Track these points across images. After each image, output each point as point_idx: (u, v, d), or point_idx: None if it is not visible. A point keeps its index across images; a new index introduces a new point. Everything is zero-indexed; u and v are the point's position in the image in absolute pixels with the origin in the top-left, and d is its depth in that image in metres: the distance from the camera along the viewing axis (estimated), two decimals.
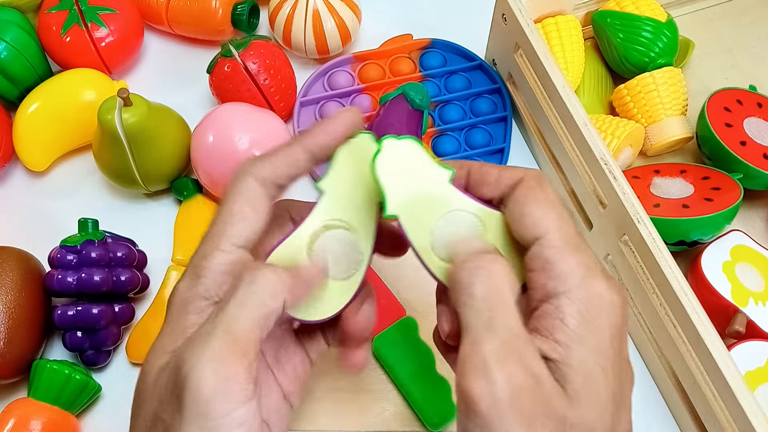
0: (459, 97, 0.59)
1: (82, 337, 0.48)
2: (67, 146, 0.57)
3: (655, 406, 0.49)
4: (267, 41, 0.57)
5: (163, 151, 0.53)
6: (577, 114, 0.48)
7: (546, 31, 0.58)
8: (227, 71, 0.55)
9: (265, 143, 0.52)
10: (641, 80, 0.56)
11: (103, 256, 0.48)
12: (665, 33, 0.57)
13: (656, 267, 0.44)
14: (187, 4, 0.60)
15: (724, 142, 0.53)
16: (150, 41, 0.64)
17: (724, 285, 0.48)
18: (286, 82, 0.57)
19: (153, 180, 0.54)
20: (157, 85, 0.62)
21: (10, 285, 0.47)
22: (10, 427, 0.45)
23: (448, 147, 0.57)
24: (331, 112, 0.58)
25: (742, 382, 0.40)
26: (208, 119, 0.52)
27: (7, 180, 0.58)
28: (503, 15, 0.54)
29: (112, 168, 0.53)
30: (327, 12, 0.58)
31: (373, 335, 0.50)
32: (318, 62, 0.63)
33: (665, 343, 0.46)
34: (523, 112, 0.58)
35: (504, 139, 0.58)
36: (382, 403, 0.49)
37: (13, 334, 0.46)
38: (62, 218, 0.55)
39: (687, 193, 0.52)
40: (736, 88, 0.56)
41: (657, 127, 0.56)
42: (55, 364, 0.46)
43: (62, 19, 0.56)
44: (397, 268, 0.53)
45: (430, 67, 0.61)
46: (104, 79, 0.57)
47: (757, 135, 0.54)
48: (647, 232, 0.44)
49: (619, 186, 0.46)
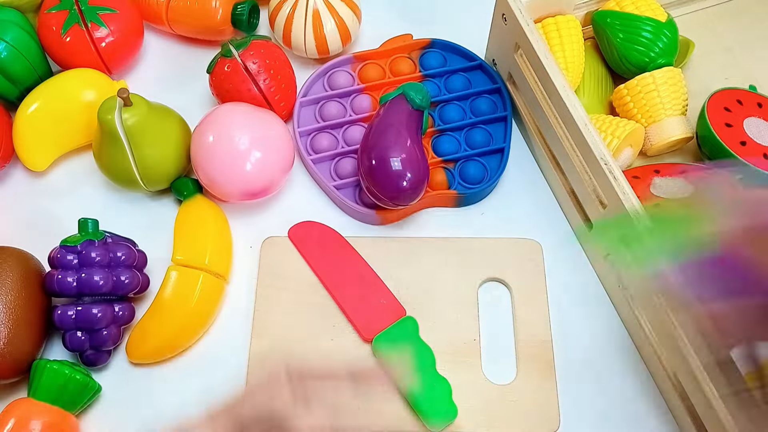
0: (459, 97, 0.59)
1: (82, 337, 0.48)
2: (67, 146, 0.57)
3: (655, 406, 0.49)
4: (267, 41, 0.57)
5: (163, 151, 0.53)
6: (577, 114, 0.48)
7: (546, 31, 0.58)
8: (227, 71, 0.55)
9: (265, 143, 0.52)
10: (641, 80, 0.56)
11: (103, 257, 0.48)
12: (665, 33, 0.57)
13: None
14: (187, 4, 0.60)
15: (724, 142, 0.53)
16: (150, 41, 0.64)
17: None
18: (286, 82, 0.57)
19: (153, 180, 0.54)
20: (157, 85, 0.62)
21: (10, 285, 0.47)
22: (10, 427, 0.45)
23: (448, 147, 0.57)
24: (330, 113, 0.59)
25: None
26: (208, 119, 0.52)
27: (7, 180, 0.58)
28: (503, 15, 0.54)
29: (112, 168, 0.53)
30: (327, 12, 0.58)
31: (373, 335, 0.50)
32: (318, 62, 0.63)
33: (665, 343, 0.46)
34: (523, 112, 0.58)
35: (504, 139, 0.58)
36: (382, 403, 0.49)
37: (13, 334, 0.46)
38: (62, 218, 0.55)
39: (687, 192, 0.52)
40: (736, 88, 0.56)
41: (657, 127, 0.56)
42: (55, 364, 0.46)
43: (62, 19, 0.56)
44: (397, 269, 0.53)
45: (430, 67, 0.61)
46: (104, 79, 0.57)
47: (757, 135, 0.54)
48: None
49: (619, 186, 0.46)
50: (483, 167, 0.57)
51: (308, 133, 0.58)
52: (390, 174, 0.50)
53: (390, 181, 0.50)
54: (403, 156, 0.50)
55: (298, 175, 0.58)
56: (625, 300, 0.50)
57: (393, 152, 0.50)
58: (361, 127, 0.58)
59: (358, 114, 0.59)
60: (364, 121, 0.58)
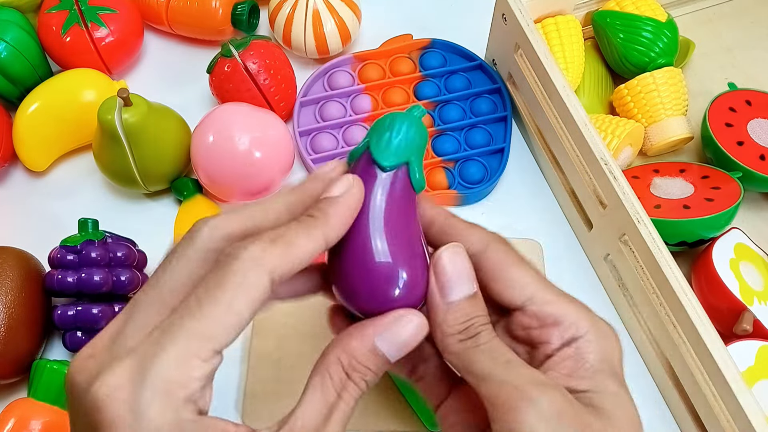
0: (459, 97, 0.59)
1: (82, 337, 0.48)
2: (67, 146, 0.57)
3: (655, 406, 0.49)
4: (267, 41, 0.57)
5: (163, 151, 0.53)
6: (577, 114, 0.48)
7: (546, 31, 0.58)
8: (227, 71, 0.55)
9: (265, 143, 0.52)
10: (641, 80, 0.56)
11: (103, 256, 0.48)
12: (665, 33, 0.57)
13: (656, 267, 0.44)
14: (187, 4, 0.60)
15: (721, 142, 0.53)
16: (150, 41, 0.64)
17: (733, 283, 0.48)
18: (286, 82, 0.57)
19: (153, 180, 0.54)
20: (157, 85, 0.62)
21: (10, 285, 0.47)
22: (10, 427, 0.45)
23: (448, 147, 0.57)
24: (330, 113, 0.59)
25: (742, 381, 0.40)
26: (208, 119, 0.52)
27: (7, 180, 0.58)
28: (503, 15, 0.54)
29: (112, 168, 0.53)
30: (327, 12, 0.58)
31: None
32: (318, 62, 0.63)
33: (665, 343, 0.47)
34: (523, 112, 0.58)
35: (504, 139, 0.58)
36: (382, 403, 0.48)
37: (13, 334, 0.46)
38: (62, 218, 0.55)
39: (687, 193, 0.52)
40: (748, 89, 0.56)
41: (657, 127, 0.56)
42: (55, 364, 0.46)
43: (62, 19, 0.56)
44: None
45: (430, 67, 0.61)
46: (104, 79, 0.57)
47: (763, 137, 0.54)
48: (647, 232, 0.44)
49: (619, 186, 0.46)
50: (483, 167, 0.57)
51: (308, 133, 0.58)
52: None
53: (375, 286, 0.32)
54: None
55: (298, 175, 0.58)
56: (625, 300, 0.50)
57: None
58: (361, 127, 0.58)
59: (358, 114, 0.59)
60: (364, 121, 0.58)
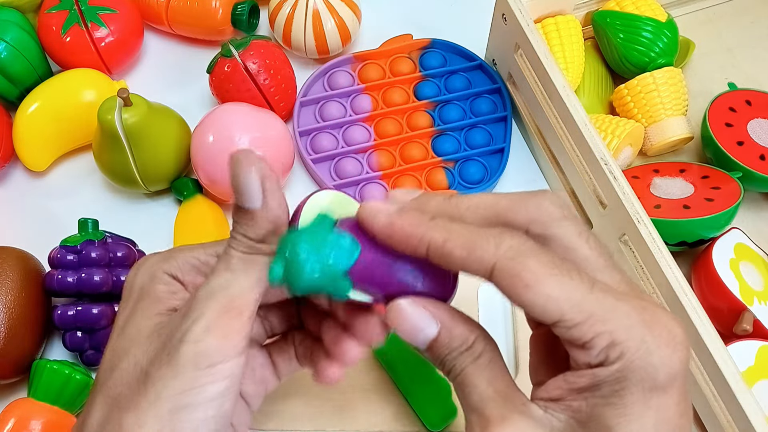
0: (459, 97, 0.59)
1: (82, 337, 0.48)
2: (67, 146, 0.57)
3: None
4: (267, 41, 0.57)
5: (163, 151, 0.53)
6: (577, 114, 0.48)
7: (546, 31, 0.58)
8: (227, 71, 0.55)
9: (265, 143, 0.52)
10: (641, 80, 0.56)
11: (103, 256, 0.48)
12: (665, 33, 0.57)
13: (656, 267, 0.44)
14: (187, 4, 0.60)
15: (720, 142, 0.53)
16: (150, 41, 0.64)
17: (733, 283, 0.48)
18: (286, 82, 0.57)
19: (153, 180, 0.54)
20: (157, 85, 0.62)
21: (10, 285, 0.47)
22: (10, 427, 0.45)
23: (448, 147, 0.57)
24: (330, 113, 0.59)
25: (742, 381, 0.40)
26: (208, 119, 0.52)
27: (7, 180, 0.58)
28: (503, 15, 0.54)
29: (112, 168, 0.53)
30: (327, 12, 0.58)
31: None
32: (318, 62, 0.63)
33: None
34: (523, 112, 0.58)
35: (504, 139, 0.58)
36: (382, 403, 0.48)
37: (13, 334, 0.46)
38: (62, 218, 0.55)
39: (687, 192, 0.52)
40: (748, 89, 0.56)
41: (657, 127, 0.56)
42: (55, 364, 0.46)
43: (62, 19, 0.56)
44: None
45: (430, 66, 0.61)
46: (104, 79, 0.57)
47: (763, 137, 0.54)
48: (647, 232, 0.44)
49: (619, 186, 0.46)
50: (483, 167, 0.57)
51: (308, 133, 0.58)
52: None
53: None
54: None
55: (298, 175, 0.58)
56: None
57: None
58: (361, 127, 0.58)
59: (358, 114, 0.59)
60: (364, 121, 0.58)
